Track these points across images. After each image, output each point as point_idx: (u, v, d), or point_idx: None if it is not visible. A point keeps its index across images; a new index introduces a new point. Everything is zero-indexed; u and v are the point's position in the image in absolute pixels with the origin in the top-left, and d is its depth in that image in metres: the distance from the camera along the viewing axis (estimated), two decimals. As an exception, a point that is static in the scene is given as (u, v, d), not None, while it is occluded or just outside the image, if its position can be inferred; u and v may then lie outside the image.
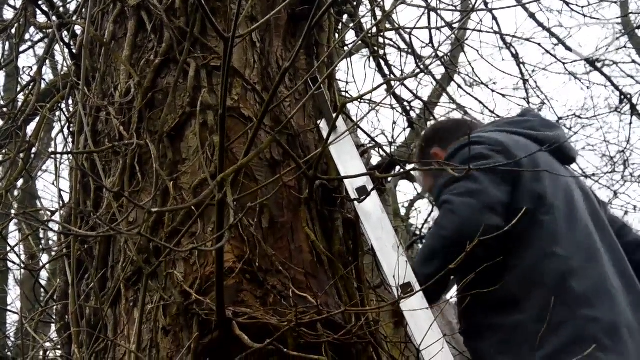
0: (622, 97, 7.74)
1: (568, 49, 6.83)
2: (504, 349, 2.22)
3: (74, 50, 3.10)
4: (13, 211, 3.70)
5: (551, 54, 6.46)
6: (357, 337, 2.21)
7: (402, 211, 10.39)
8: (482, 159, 2.38)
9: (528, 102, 6.13)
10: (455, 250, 2.08)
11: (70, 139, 2.99)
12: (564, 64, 6.51)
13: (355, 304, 2.33)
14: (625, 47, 8.88)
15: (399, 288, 2.19)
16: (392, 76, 4.04)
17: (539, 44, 6.18)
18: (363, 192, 2.42)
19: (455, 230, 2.29)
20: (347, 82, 4.22)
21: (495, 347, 2.27)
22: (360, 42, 4.06)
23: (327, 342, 2.11)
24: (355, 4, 3.95)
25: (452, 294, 2.85)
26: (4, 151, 3.73)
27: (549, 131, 2.61)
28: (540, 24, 6.62)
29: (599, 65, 7.36)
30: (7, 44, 4.26)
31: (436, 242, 2.35)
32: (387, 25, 4.50)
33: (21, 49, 4.29)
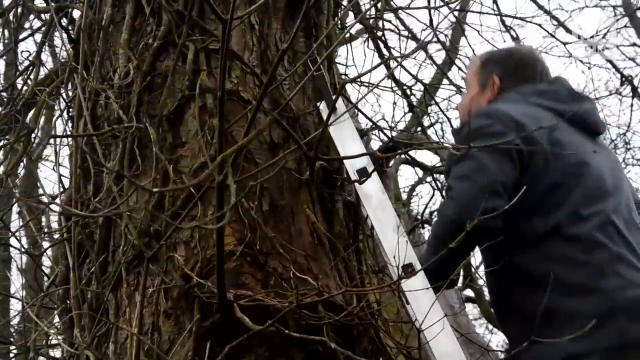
0: (623, 79, 7.73)
1: (568, 31, 6.82)
2: (531, 327, 2.17)
3: (73, 35, 3.09)
4: (14, 197, 3.71)
5: (552, 35, 6.43)
6: (359, 318, 2.22)
7: (404, 196, 10.40)
8: (494, 136, 2.30)
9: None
10: (458, 234, 2.03)
11: (69, 124, 2.99)
12: (565, 44, 6.49)
13: (356, 286, 2.34)
14: (626, 26, 8.84)
15: (400, 269, 2.19)
16: (390, 56, 4.03)
17: (540, 25, 6.16)
18: (364, 174, 2.41)
19: (455, 217, 2.25)
20: (346, 66, 4.21)
21: (522, 325, 2.21)
22: (358, 23, 4.04)
23: (328, 323, 2.12)
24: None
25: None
26: (7, 137, 3.73)
27: (576, 104, 2.50)
28: (540, 7, 6.61)
29: (600, 47, 7.34)
30: (6, 31, 4.24)
31: (440, 230, 2.33)
32: (386, 6, 4.47)
33: (20, 37, 4.27)
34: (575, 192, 2.26)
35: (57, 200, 2.86)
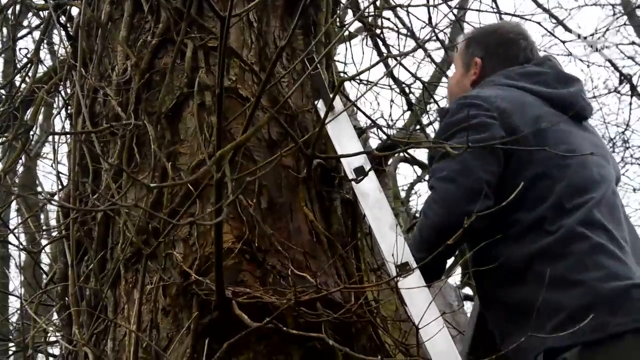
0: (622, 77, 7.73)
1: (568, 29, 6.82)
2: (515, 321, 2.15)
3: (71, 32, 3.09)
4: (13, 194, 3.71)
5: (551, 33, 6.44)
6: (357, 315, 2.22)
7: (402, 194, 10.40)
8: (478, 128, 2.26)
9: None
10: (446, 236, 2.06)
11: (68, 121, 2.99)
12: (564, 42, 6.49)
13: (354, 283, 2.34)
14: (625, 24, 8.86)
15: (397, 267, 2.19)
16: (389, 54, 4.03)
17: (539, 23, 6.15)
18: (361, 172, 2.41)
19: (440, 221, 2.23)
20: (345, 64, 4.21)
21: (507, 319, 2.21)
22: (357, 21, 4.04)
23: (326, 321, 2.12)
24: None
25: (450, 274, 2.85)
26: (5, 135, 3.73)
27: (562, 87, 2.47)
28: (539, 5, 6.60)
29: (599, 46, 7.35)
30: (5, 28, 4.24)
31: (424, 233, 2.30)
32: (384, 4, 4.47)
33: (19, 34, 4.27)
34: (559, 184, 2.23)
35: (56, 198, 2.86)
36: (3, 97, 3.90)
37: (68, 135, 2.89)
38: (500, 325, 2.26)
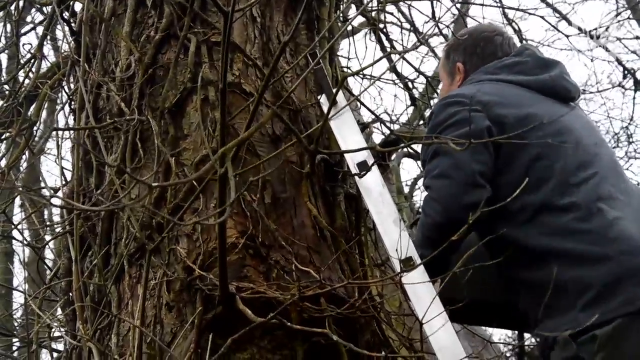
0: (626, 72, 7.72)
1: (571, 24, 6.81)
2: (544, 301, 2.10)
3: (74, 28, 3.09)
4: (16, 190, 3.71)
5: (554, 27, 6.42)
6: (361, 311, 2.22)
7: (406, 189, 10.39)
8: (461, 125, 2.30)
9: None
10: (448, 232, 2.05)
11: (71, 116, 2.99)
12: (567, 37, 6.48)
13: (358, 278, 2.34)
14: (629, 18, 8.82)
15: (400, 262, 2.19)
16: (392, 50, 4.02)
17: (542, 17, 6.15)
18: (364, 167, 2.41)
19: (440, 217, 2.24)
20: (348, 59, 4.20)
21: (536, 301, 2.16)
22: (360, 16, 4.03)
23: (330, 316, 2.12)
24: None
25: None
26: (9, 130, 3.73)
27: (544, 72, 2.50)
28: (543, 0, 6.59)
29: (602, 41, 7.33)
30: (8, 24, 4.24)
31: (426, 231, 2.31)
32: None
33: (22, 31, 4.27)
34: (558, 162, 2.24)
35: (60, 193, 2.86)
36: (7, 92, 3.90)
37: (72, 131, 2.89)
38: (531, 308, 2.23)
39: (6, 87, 4.18)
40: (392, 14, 4.90)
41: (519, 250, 2.18)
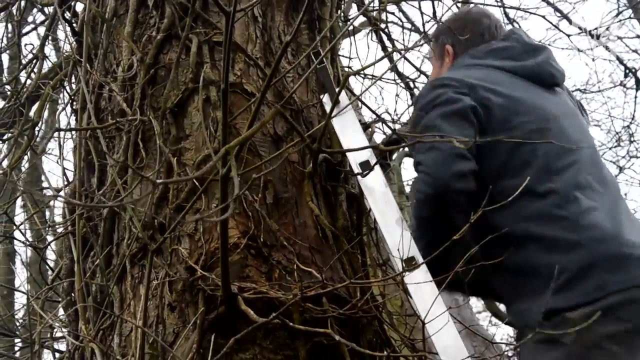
0: (627, 71, 7.71)
1: (572, 23, 6.80)
2: (518, 285, 2.19)
3: (76, 28, 3.09)
4: (18, 190, 3.71)
5: (555, 27, 6.42)
6: (363, 311, 2.22)
7: (407, 189, 10.38)
8: (448, 103, 2.34)
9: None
10: (439, 205, 2.17)
11: (73, 117, 2.99)
12: (568, 36, 6.48)
13: (360, 278, 2.34)
14: (630, 17, 8.81)
15: (402, 262, 2.19)
16: (394, 49, 4.02)
17: (544, 17, 6.15)
18: (366, 167, 2.41)
19: (432, 190, 2.26)
20: (350, 58, 4.20)
21: (511, 284, 2.25)
22: (362, 16, 4.03)
23: (332, 316, 2.12)
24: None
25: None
26: (11, 130, 3.73)
27: (530, 58, 2.53)
28: (544, -1, 6.59)
29: (603, 40, 7.32)
30: (10, 26, 4.25)
31: (418, 210, 2.33)
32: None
33: (24, 31, 4.28)
34: (541, 148, 2.27)
35: (62, 193, 2.86)
36: (8, 93, 3.90)
37: (73, 131, 2.89)
38: (504, 290, 2.30)
39: (8, 87, 4.19)
40: (393, 13, 4.91)
41: (499, 235, 2.19)
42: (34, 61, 3.55)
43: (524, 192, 2.18)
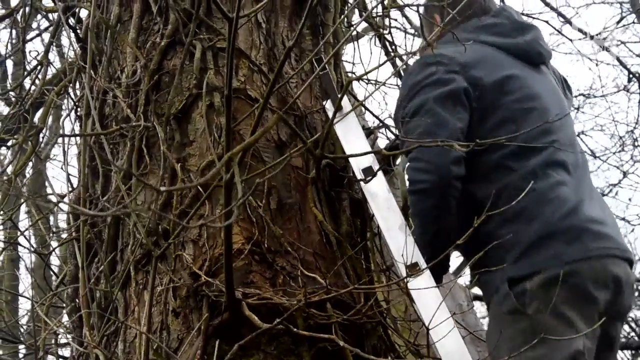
0: (631, 76, 7.71)
1: (575, 28, 6.80)
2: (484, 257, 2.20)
3: (80, 34, 3.10)
4: (23, 196, 3.72)
5: (559, 32, 6.42)
6: (367, 317, 2.22)
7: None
8: (440, 84, 2.36)
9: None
10: (440, 193, 2.25)
11: (77, 123, 3.00)
12: (571, 41, 6.48)
13: (364, 284, 2.34)
14: (634, 22, 8.82)
15: (406, 267, 2.19)
16: (396, 56, 4.02)
17: (547, 22, 6.15)
18: (369, 173, 2.41)
19: (433, 175, 2.28)
20: (353, 63, 4.19)
21: (476, 254, 2.26)
22: (364, 22, 4.03)
23: (336, 322, 2.12)
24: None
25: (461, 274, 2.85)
26: (15, 137, 3.74)
27: (519, 36, 2.55)
28: (547, 4, 6.58)
29: (607, 45, 7.33)
30: (14, 32, 4.26)
31: (422, 202, 2.33)
32: (392, 3, 4.45)
33: (28, 37, 4.29)
34: (522, 127, 2.30)
35: (66, 200, 2.86)
36: (13, 99, 3.92)
37: (78, 137, 2.90)
38: (470, 259, 2.34)
39: (12, 93, 4.20)
40: (396, 20, 4.91)
41: (472, 206, 2.26)
42: (39, 67, 3.56)
43: (500, 166, 2.30)
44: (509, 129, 2.31)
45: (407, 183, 2.38)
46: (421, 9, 2.91)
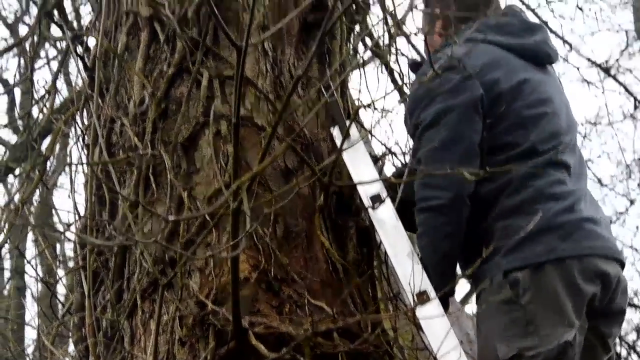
0: (637, 103, 7.72)
1: (583, 56, 6.82)
2: (477, 247, 2.18)
3: (88, 63, 3.11)
4: (30, 225, 3.72)
5: (564, 59, 6.44)
6: (374, 345, 2.20)
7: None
8: (456, 93, 2.33)
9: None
10: (455, 209, 2.27)
11: (85, 151, 3.00)
12: (578, 69, 6.50)
13: (371, 312, 2.32)
14: (640, 50, 8.85)
15: (414, 296, 2.18)
16: (403, 84, 4.03)
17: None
18: (377, 200, 2.41)
19: (449, 192, 2.28)
20: (359, 91, 4.21)
21: (471, 246, 2.29)
22: (370, 51, 4.05)
23: (343, 351, 2.11)
24: (363, 14, 3.94)
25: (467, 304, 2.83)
26: (23, 165, 3.76)
27: (528, 36, 2.53)
28: (552, 31, 6.61)
29: (612, 72, 7.35)
30: (22, 60, 4.29)
31: (436, 219, 2.32)
32: (397, 31, 4.47)
33: (36, 66, 4.32)
34: (534, 132, 2.34)
35: (72, 228, 2.86)
36: (21, 128, 3.94)
37: (85, 166, 2.90)
38: (465, 252, 2.34)
39: (20, 122, 4.22)
40: (400, 50, 4.91)
41: (475, 202, 2.29)
42: (46, 96, 3.58)
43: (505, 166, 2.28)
44: (520, 133, 2.33)
45: (417, 200, 2.36)
46: (421, 6, 2.89)
